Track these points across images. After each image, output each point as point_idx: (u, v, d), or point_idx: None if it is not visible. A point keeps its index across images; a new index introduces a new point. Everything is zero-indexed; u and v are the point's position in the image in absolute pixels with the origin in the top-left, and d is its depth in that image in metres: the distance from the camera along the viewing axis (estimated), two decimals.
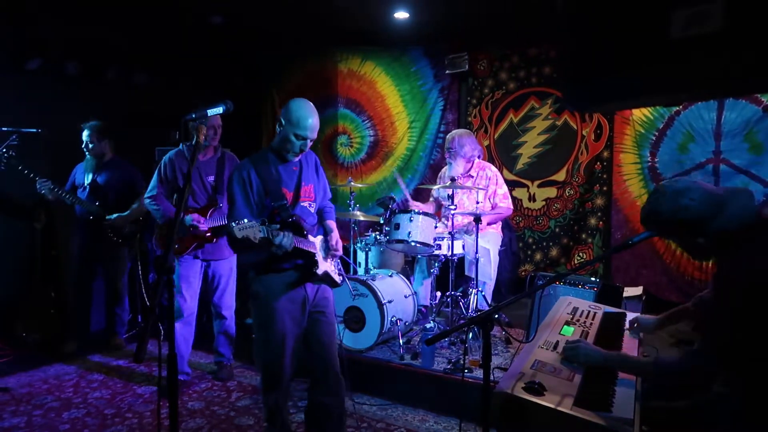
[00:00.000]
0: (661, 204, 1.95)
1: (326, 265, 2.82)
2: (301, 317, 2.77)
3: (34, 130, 4.48)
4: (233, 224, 2.41)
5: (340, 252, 2.92)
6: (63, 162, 4.82)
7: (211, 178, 3.94)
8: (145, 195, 3.96)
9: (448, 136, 4.74)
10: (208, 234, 3.89)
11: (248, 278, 2.78)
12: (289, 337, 2.71)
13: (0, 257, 4.89)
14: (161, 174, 3.92)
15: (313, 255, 2.74)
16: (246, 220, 2.42)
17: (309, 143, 2.73)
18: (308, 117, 2.67)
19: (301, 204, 2.80)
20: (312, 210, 2.88)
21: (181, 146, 4.01)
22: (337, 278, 2.92)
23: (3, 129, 4.41)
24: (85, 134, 4.59)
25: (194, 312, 4.04)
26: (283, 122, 2.69)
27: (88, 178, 4.63)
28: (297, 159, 2.80)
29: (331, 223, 3.00)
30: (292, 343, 2.73)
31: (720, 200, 1.90)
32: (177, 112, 2.26)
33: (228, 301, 4.15)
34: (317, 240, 2.85)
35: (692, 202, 1.90)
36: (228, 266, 4.10)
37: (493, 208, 4.60)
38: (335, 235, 2.93)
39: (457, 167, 4.57)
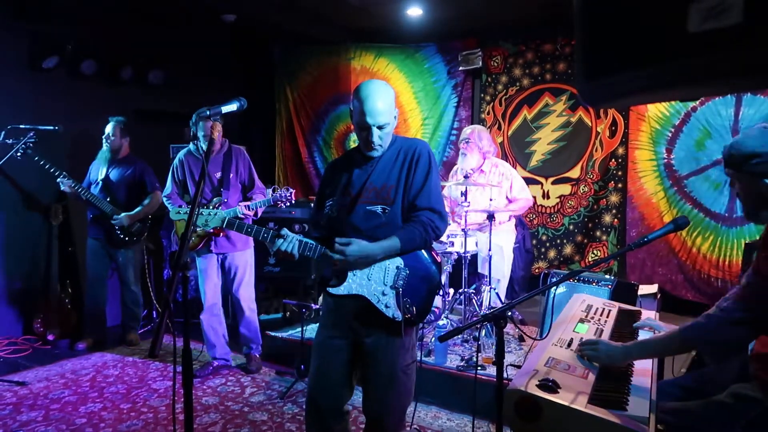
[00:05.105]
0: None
1: (355, 286, 2.26)
2: (335, 346, 2.34)
3: (52, 127, 4.55)
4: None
5: (341, 265, 2.24)
6: (80, 158, 4.91)
7: (218, 174, 3.99)
8: (163, 194, 4.15)
9: (466, 129, 4.71)
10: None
11: None
12: (316, 358, 2.38)
13: (18, 253, 4.97)
14: (174, 175, 4.10)
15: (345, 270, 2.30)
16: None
17: (380, 132, 2.20)
18: (365, 100, 2.17)
19: (364, 206, 2.28)
20: (383, 215, 2.27)
21: (190, 145, 4.13)
22: (386, 310, 2.23)
23: (21, 126, 4.48)
24: (109, 127, 4.68)
25: (217, 303, 4.13)
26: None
27: (102, 174, 4.69)
28: (380, 153, 2.29)
29: (396, 236, 2.22)
30: (319, 369, 2.36)
31: None
32: (191, 109, 2.27)
33: (245, 293, 4.17)
34: None
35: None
36: (243, 258, 4.13)
37: (510, 202, 4.56)
38: (355, 244, 2.20)
39: (471, 159, 4.53)
